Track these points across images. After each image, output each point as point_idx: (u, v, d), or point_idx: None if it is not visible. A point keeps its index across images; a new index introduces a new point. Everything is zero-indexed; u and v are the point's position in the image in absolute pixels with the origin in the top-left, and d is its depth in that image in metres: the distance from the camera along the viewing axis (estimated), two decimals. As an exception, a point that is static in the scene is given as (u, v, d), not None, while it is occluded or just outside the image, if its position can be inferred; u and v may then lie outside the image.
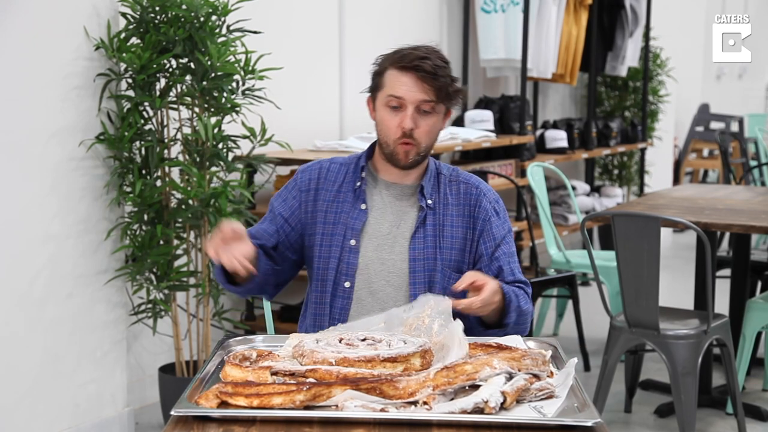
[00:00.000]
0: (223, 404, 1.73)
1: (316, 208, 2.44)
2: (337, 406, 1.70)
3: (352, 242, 2.40)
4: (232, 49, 3.76)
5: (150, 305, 3.91)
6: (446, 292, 2.38)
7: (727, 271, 5.07)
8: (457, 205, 2.46)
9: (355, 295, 2.40)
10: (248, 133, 3.91)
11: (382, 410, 1.68)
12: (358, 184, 2.43)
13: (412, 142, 2.35)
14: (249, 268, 2.18)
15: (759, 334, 4.62)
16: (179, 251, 3.93)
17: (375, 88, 2.41)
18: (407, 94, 2.33)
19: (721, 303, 4.41)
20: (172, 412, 1.69)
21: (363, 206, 2.42)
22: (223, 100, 3.80)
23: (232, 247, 2.18)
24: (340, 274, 2.40)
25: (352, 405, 1.68)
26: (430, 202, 2.43)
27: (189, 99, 3.82)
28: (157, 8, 3.70)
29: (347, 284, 2.40)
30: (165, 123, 3.86)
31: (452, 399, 1.73)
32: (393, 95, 2.34)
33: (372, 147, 2.49)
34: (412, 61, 2.33)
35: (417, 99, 2.33)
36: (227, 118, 3.92)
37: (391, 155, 2.39)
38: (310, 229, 2.44)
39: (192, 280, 4.01)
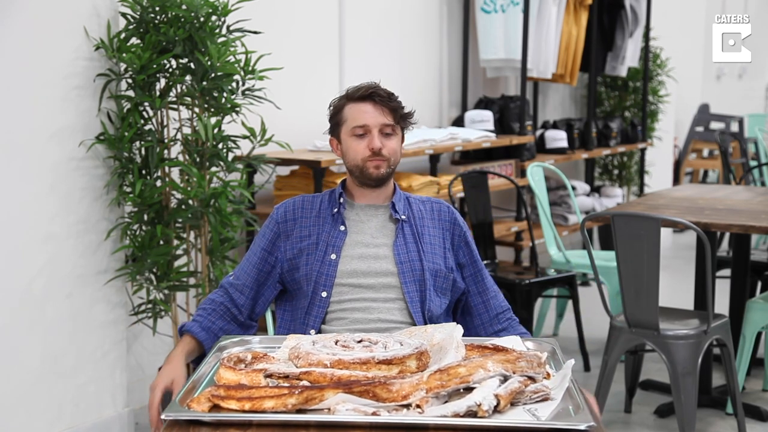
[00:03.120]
0: (216, 407, 1.74)
1: (299, 233, 2.60)
2: (329, 409, 1.70)
3: (332, 256, 2.54)
4: (232, 49, 3.76)
5: (150, 305, 3.91)
6: (436, 290, 2.55)
7: (727, 271, 5.07)
8: (431, 218, 2.64)
9: (331, 303, 2.53)
10: (248, 133, 3.91)
11: (374, 413, 1.68)
12: (336, 210, 2.59)
13: (382, 158, 2.54)
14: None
15: (759, 334, 4.62)
16: (179, 251, 3.94)
17: (337, 126, 2.62)
18: (370, 119, 2.53)
19: (721, 303, 4.41)
20: (162, 416, 1.69)
21: (342, 228, 2.58)
22: (223, 100, 3.80)
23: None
24: (318, 285, 2.53)
25: (344, 408, 1.69)
26: (404, 216, 2.60)
27: (189, 99, 3.82)
28: (157, 8, 3.70)
29: (324, 294, 2.53)
30: (165, 123, 3.87)
31: (446, 402, 1.73)
32: (358, 125, 2.54)
33: (343, 182, 2.68)
34: (367, 91, 2.55)
35: (379, 123, 2.53)
36: (227, 118, 3.92)
37: (362, 174, 2.57)
38: (290, 254, 2.59)
39: (192, 280, 4.01)
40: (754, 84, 12.99)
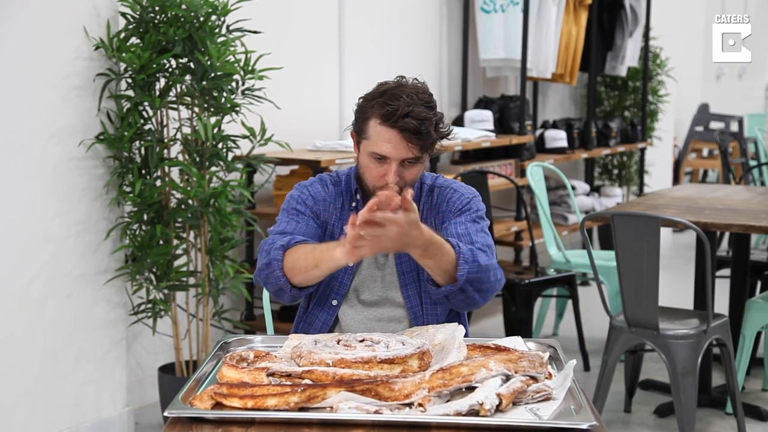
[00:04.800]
0: (218, 405, 1.74)
1: (327, 218, 2.46)
2: (331, 407, 1.71)
3: (349, 264, 2.38)
4: (231, 49, 3.76)
5: (150, 305, 3.91)
6: (433, 297, 2.41)
7: (726, 271, 5.07)
8: (430, 209, 2.47)
9: (340, 312, 2.44)
10: (248, 133, 3.91)
11: (376, 412, 1.69)
12: (354, 204, 2.45)
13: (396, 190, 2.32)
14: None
15: (759, 334, 4.62)
16: (179, 251, 3.94)
17: (359, 130, 2.37)
18: (392, 152, 2.29)
19: (721, 303, 4.41)
20: (165, 413, 1.70)
21: None
22: (223, 100, 3.80)
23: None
24: (330, 291, 2.43)
25: (347, 407, 1.69)
26: None
27: (189, 99, 3.82)
28: (157, 8, 3.70)
29: (334, 302, 2.44)
30: (165, 123, 3.87)
31: (448, 401, 1.73)
32: (377, 152, 2.31)
33: (356, 172, 2.48)
34: (396, 119, 2.25)
35: (401, 156, 2.30)
36: (227, 118, 3.92)
37: (372, 192, 2.37)
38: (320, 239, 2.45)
39: (192, 280, 4.01)
40: (754, 84, 12.99)
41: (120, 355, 3.95)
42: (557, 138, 6.76)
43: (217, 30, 3.78)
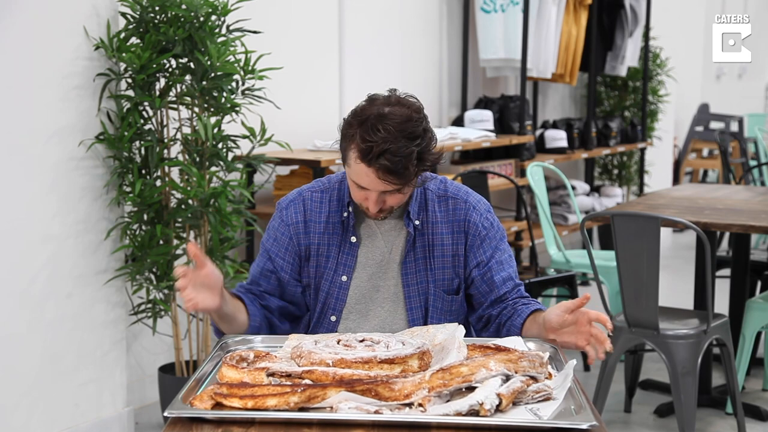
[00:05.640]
0: (218, 405, 1.75)
1: (308, 240, 2.40)
2: (331, 407, 1.71)
3: (344, 278, 2.37)
4: (231, 49, 3.76)
5: (150, 305, 3.91)
6: (442, 313, 2.40)
7: (726, 271, 5.07)
8: (446, 222, 2.41)
9: (340, 327, 2.39)
10: (248, 133, 3.92)
11: (376, 412, 1.69)
12: (345, 215, 2.38)
13: (382, 212, 2.30)
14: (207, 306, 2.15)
15: (759, 334, 4.62)
16: (179, 251, 3.94)
17: (343, 155, 2.27)
18: (370, 185, 2.22)
19: (721, 303, 4.41)
20: (165, 413, 1.70)
21: (353, 239, 2.38)
22: (223, 99, 3.80)
23: (199, 291, 2.13)
24: (327, 308, 2.39)
25: (347, 407, 1.69)
26: (417, 222, 2.38)
27: (189, 99, 3.82)
28: (157, 8, 3.70)
29: (333, 318, 2.39)
30: (165, 123, 3.87)
31: (448, 401, 1.73)
32: (357, 182, 2.24)
33: None
34: (372, 158, 2.15)
35: (380, 189, 2.22)
36: (227, 118, 3.92)
37: (362, 210, 2.34)
38: (305, 261, 2.41)
39: (192, 280, 4.00)
40: (754, 84, 13.00)
41: (120, 355, 3.95)
42: (557, 138, 6.76)
43: (217, 30, 3.78)
